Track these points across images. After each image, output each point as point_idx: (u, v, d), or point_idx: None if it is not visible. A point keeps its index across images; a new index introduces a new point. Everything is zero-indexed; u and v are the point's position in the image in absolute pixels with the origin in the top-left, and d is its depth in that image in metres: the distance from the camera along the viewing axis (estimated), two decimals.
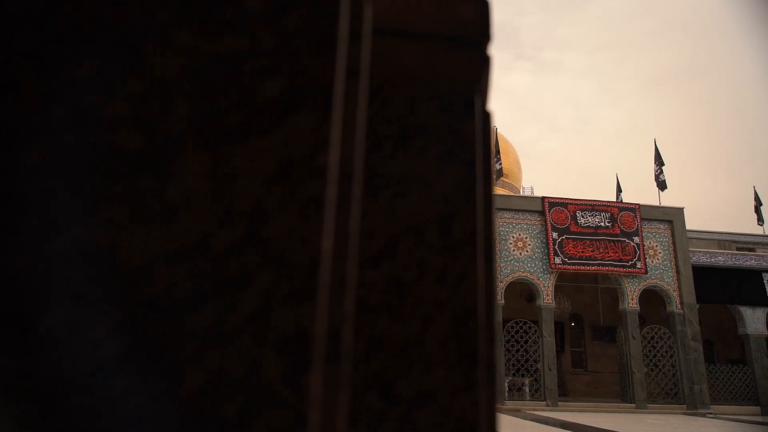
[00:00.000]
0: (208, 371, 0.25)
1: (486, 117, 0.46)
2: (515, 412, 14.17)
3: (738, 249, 21.16)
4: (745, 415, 15.87)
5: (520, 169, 31.66)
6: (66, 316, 0.24)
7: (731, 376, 17.15)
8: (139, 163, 0.27)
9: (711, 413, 15.71)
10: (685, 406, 16.13)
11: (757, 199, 21.65)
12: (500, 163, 18.20)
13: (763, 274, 17.61)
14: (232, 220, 0.28)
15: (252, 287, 0.26)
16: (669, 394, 16.72)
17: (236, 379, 0.25)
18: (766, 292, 17.46)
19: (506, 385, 15.81)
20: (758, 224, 21.77)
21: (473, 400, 0.38)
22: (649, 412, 15.49)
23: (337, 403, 0.29)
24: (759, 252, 21.12)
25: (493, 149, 0.44)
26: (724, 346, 21.10)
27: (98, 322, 0.24)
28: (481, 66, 0.47)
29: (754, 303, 17.40)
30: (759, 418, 15.12)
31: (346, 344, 0.30)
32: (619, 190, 23.57)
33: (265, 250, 0.28)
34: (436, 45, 0.46)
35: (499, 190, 25.11)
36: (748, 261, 17.81)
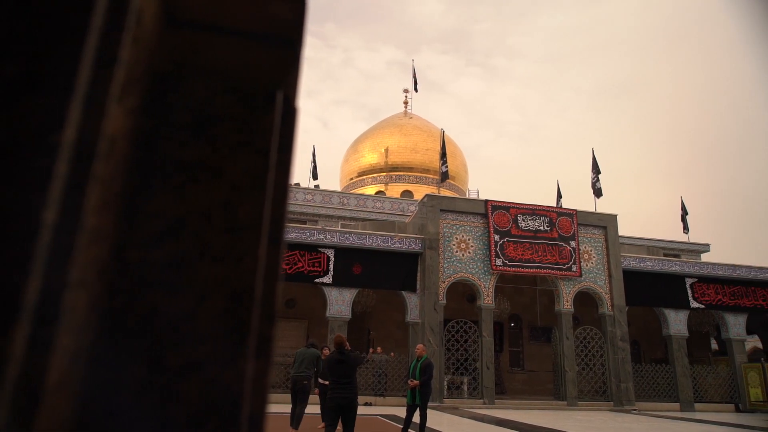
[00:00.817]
0: None
1: (290, 111, 0.49)
2: (453, 410, 14.48)
3: (665, 255, 22.43)
4: (665, 411, 16.86)
5: (466, 172, 32.34)
6: None
7: (655, 374, 18.18)
8: None
9: (635, 410, 16.60)
10: (612, 403, 16.96)
11: (683, 209, 23.05)
12: (446, 166, 18.52)
13: (686, 279, 18.77)
14: None
15: None
16: (598, 392, 17.53)
17: None
18: (688, 296, 18.63)
19: (445, 383, 16.11)
20: (684, 232, 23.18)
21: (240, 372, 0.41)
22: (579, 409, 16.20)
23: (48, 361, 0.30)
24: (683, 258, 22.51)
25: (296, 141, 0.47)
26: (650, 347, 22.34)
27: None
28: (289, 63, 0.50)
29: (677, 306, 18.52)
30: (678, 414, 16.11)
31: (70, 307, 0.32)
32: (559, 196, 24.51)
33: None
34: (246, 40, 0.49)
35: (445, 192, 25.54)
36: (673, 267, 18.92)
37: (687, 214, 22.87)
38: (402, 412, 9.84)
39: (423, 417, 8.64)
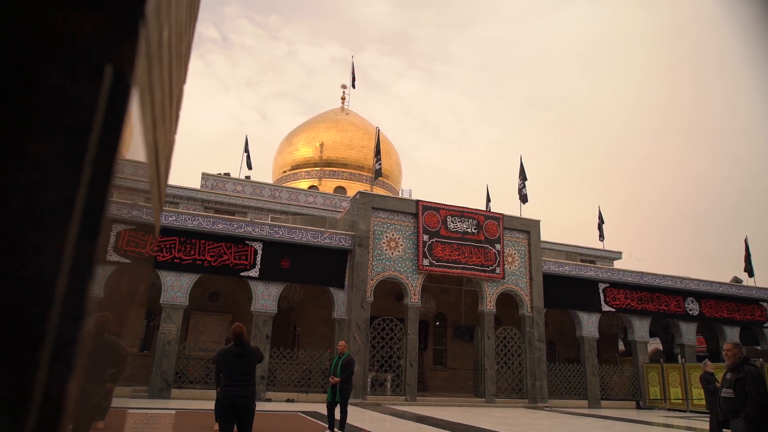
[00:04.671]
0: None
1: (120, 88, 0.44)
2: (375, 407, 14.58)
3: (582, 261, 23.72)
4: (575, 407, 17.85)
5: (400, 171, 32.65)
6: None
7: (567, 373, 19.19)
8: None
9: (548, 407, 17.45)
10: (527, 400, 17.74)
11: (600, 217, 24.46)
12: (380, 164, 18.60)
13: (600, 284, 19.95)
14: None
15: None
16: (515, 390, 18.27)
17: None
18: (600, 299, 19.80)
19: (369, 380, 16.19)
20: (599, 240, 24.61)
21: (27, 378, 0.36)
22: (497, 406, 16.81)
23: None
24: (598, 264, 23.90)
25: (127, 121, 0.42)
26: (564, 347, 23.58)
27: None
28: (123, 36, 0.45)
29: (590, 309, 19.64)
30: (585, 411, 17.09)
31: None
32: (488, 200, 25.31)
33: None
34: (73, 4, 0.43)
35: (378, 190, 25.67)
36: (589, 272, 20.04)
37: (603, 222, 24.29)
38: (325, 409, 9.77)
39: (343, 413, 8.63)
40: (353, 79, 31.29)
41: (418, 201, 17.73)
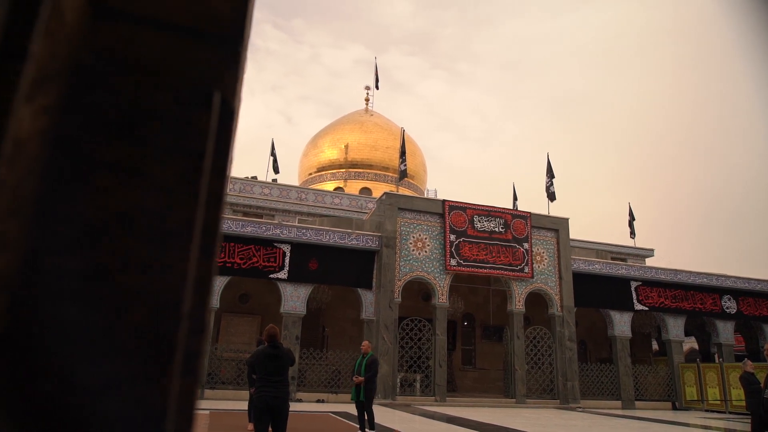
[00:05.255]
0: None
1: (228, 113, 0.47)
2: (405, 407, 14.59)
3: (612, 258, 23.30)
4: (608, 408, 17.54)
5: (425, 171, 32.61)
6: None
7: (600, 373, 18.87)
8: None
9: (580, 407, 17.19)
10: (558, 401, 17.50)
11: (631, 214, 23.98)
12: (405, 165, 18.62)
13: (632, 283, 19.56)
14: None
15: None
16: (546, 390, 18.06)
17: None
18: (632, 298, 19.41)
19: (398, 380, 16.22)
20: (630, 237, 24.13)
21: (164, 389, 0.38)
22: (527, 407, 16.63)
23: None
24: (630, 262, 23.43)
25: (233, 144, 0.44)
26: (596, 346, 23.18)
27: None
28: (228, 62, 0.47)
29: (622, 308, 19.27)
30: (619, 412, 16.78)
31: None
32: (515, 198, 25.06)
33: None
34: (181, 36, 0.46)
35: (404, 191, 25.68)
36: (620, 270, 19.67)
37: (634, 219, 23.81)
38: (354, 410, 9.83)
39: (368, 413, 8.68)
40: (377, 81, 31.38)
41: (444, 201, 17.68)
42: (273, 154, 24.94)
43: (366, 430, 8.83)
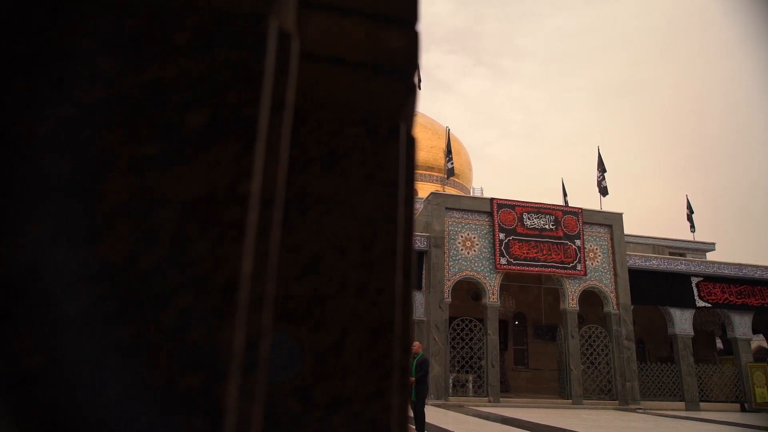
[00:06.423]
0: (126, 383, 0.26)
1: (410, 142, 0.50)
2: (458, 408, 14.49)
3: (670, 254, 22.38)
4: (670, 410, 16.86)
5: (471, 170, 32.31)
6: None
7: (660, 373, 18.15)
8: (66, 185, 0.28)
9: (641, 409, 16.59)
10: (617, 401, 16.95)
11: (689, 207, 22.97)
12: (452, 163, 18.51)
13: (692, 278, 18.72)
14: (156, 241, 0.28)
15: (172, 305, 0.28)
16: (603, 391, 17.52)
17: (154, 389, 0.26)
18: (693, 295, 18.58)
19: (450, 381, 16.13)
20: (690, 231, 23.11)
21: (386, 405, 0.41)
22: (584, 408, 16.20)
23: (252, 410, 0.30)
24: (689, 257, 22.44)
25: (415, 173, 0.47)
26: (655, 345, 22.31)
27: (22, 337, 0.26)
28: (407, 94, 0.50)
29: (682, 305, 18.47)
30: (683, 413, 16.10)
31: (263, 355, 0.33)
32: (564, 194, 24.45)
33: (186, 271, 0.28)
34: (364, 72, 0.49)
35: (449, 190, 25.53)
36: (679, 266, 18.88)
37: (693, 212, 22.79)
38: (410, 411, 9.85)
39: (421, 413, 8.71)
40: (419, 80, 31.34)
41: (492, 199, 17.45)
42: None
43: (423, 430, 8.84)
